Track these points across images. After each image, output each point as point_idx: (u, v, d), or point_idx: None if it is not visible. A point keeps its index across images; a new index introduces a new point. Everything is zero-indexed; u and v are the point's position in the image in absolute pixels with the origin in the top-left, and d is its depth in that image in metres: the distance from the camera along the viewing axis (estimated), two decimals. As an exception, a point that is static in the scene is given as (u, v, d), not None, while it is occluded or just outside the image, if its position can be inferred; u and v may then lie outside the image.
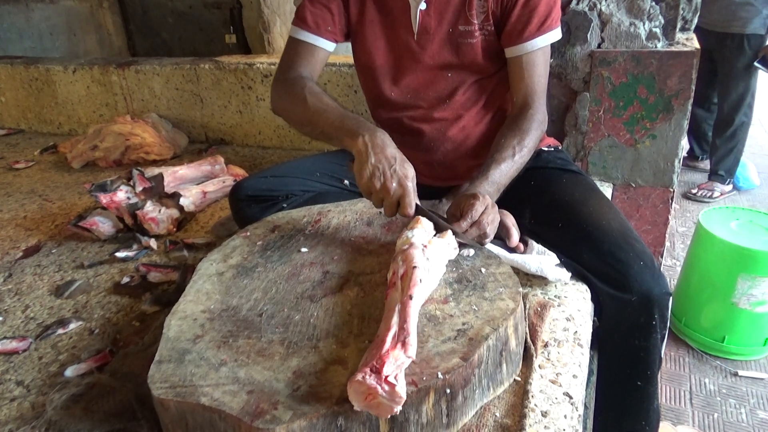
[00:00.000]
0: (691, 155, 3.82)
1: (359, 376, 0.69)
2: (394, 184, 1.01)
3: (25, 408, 0.96)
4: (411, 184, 1.02)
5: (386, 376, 0.69)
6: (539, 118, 1.24)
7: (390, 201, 1.02)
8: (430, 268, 0.91)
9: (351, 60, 2.06)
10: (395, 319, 0.79)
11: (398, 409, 0.71)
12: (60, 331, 1.17)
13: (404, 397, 0.69)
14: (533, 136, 1.21)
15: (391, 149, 1.05)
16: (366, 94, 1.45)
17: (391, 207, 1.03)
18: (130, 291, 1.31)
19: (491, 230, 1.05)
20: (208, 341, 0.86)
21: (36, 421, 0.90)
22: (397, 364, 0.71)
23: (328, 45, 1.30)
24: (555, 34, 1.24)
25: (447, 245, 1.00)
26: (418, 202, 1.04)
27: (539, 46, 1.22)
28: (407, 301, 0.82)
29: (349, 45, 1.42)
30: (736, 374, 2.00)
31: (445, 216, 1.10)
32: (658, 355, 1.15)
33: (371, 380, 0.69)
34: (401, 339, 0.75)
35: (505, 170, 1.15)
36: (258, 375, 0.78)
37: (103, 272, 1.41)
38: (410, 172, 1.03)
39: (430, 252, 0.95)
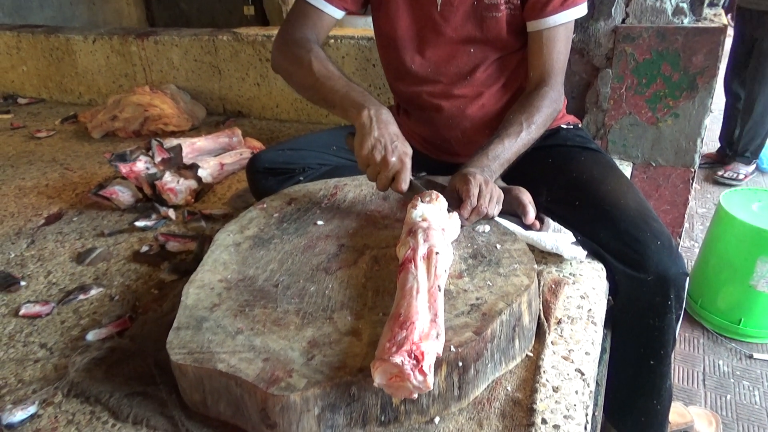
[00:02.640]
0: (721, 154, 3.53)
1: (397, 359, 0.69)
2: (393, 159, 1.03)
3: (48, 369, 0.99)
4: (409, 162, 1.05)
5: (422, 366, 0.69)
6: (553, 96, 1.21)
7: (386, 174, 1.04)
8: (448, 252, 0.92)
9: (369, 33, 2.05)
10: (424, 306, 0.78)
11: (416, 396, 0.72)
12: (81, 296, 1.20)
13: (432, 387, 0.70)
14: (544, 114, 1.19)
15: (394, 127, 1.06)
16: (385, 66, 1.43)
17: (386, 181, 1.05)
18: (149, 259, 1.33)
19: (492, 208, 1.05)
20: (225, 310, 0.87)
21: (59, 383, 0.93)
22: (432, 355, 0.72)
23: (335, 12, 1.27)
24: (579, 10, 1.21)
25: (456, 226, 1.01)
26: (413, 179, 1.08)
27: (561, 22, 1.19)
28: (436, 293, 0.81)
29: (368, 19, 1.40)
30: (750, 357, 1.99)
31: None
32: (673, 335, 1.15)
33: (408, 366, 0.69)
34: (437, 331, 0.75)
35: (508, 146, 1.14)
36: (273, 344, 0.80)
37: (123, 241, 1.43)
38: (409, 150, 1.06)
39: (447, 235, 0.95)
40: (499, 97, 1.32)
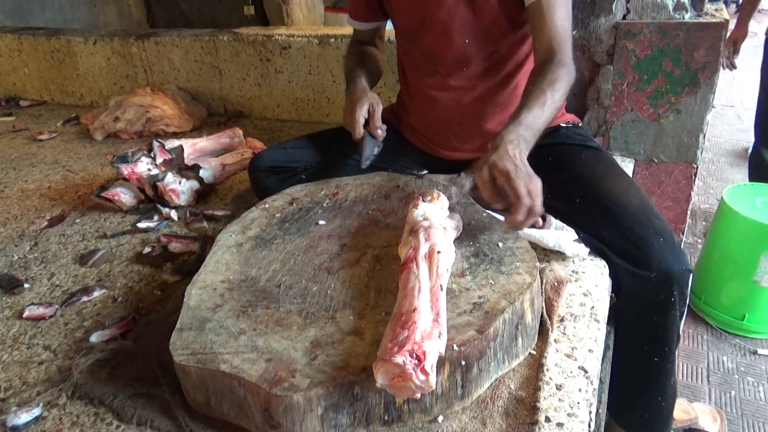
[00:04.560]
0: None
1: (399, 360, 0.69)
2: (347, 119, 1.29)
3: (52, 371, 0.99)
4: (357, 115, 1.26)
5: (424, 365, 0.69)
6: (567, 63, 1.16)
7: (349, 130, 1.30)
8: (450, 251, 0.91)
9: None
10: (426, 306, 0.77)
11: (419, 395, 0.72)
12: (84, 298, 1.20)
13: (434, 387, 0.70)
14: (564, 81, 1.13)
15: (353, 95, 1.31)
16: (398, 60, 1.47)
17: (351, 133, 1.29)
18: (152, 261, 1.33)
19: (540, 203, 0.96)
20: (227, 310, 0.88)
21: (63, 384, 0.94)
22: (434, 354, 0.72)
23: (361, 25, 1.48)
24: None
25: (458, 225, 1.01)
26: (379, 131, 1.29)
27: None
28: (438, 292, 0.81)
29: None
30: (755, 352, 1.98)
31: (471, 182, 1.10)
32: (677, 332, 1.14)
33: (410, 366, 0.69)
34: (439, 331, 0.75)
35: (539, 114, 1.07)
36: (276, 344, 0.80)
37: (126, 242, 1.44)
38: (358, 108, 1.27)
39: (448, 234, 0.95)
40: (496, 90, 1.32)
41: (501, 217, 1.10)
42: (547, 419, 0.79)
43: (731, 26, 2.47)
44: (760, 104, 2.77)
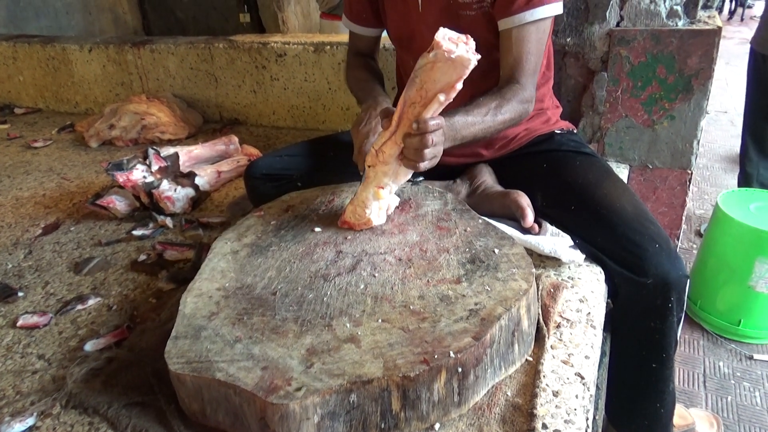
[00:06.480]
0: None
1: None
2: (359, 130, 1.21)
3: (46, 381, 0.98)
4: (359, 133, 1.20)
5: None
6: (524, 95, 1.18)
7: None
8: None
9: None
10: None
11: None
12: (79, 306, 1.19)
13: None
14: (513, 108, 1.15)
15: (362, 113, 1.24)
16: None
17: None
18: (147, 268, 1.33)
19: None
20: (223, 318, 0.87)
21: (57, 394, 0.93)
22: None
23: (364, 30, 1.45)
24: (548, 9, 1.17)
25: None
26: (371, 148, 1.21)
27: (528, 20, 1.15)
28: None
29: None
30: (751, 358, 1.99)
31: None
32: (674, 338, 1.14)
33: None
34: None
35: (471, 122, 1.10)
36: (272, 352, 0.80)
37: (121, 250, 1.43)
38: (360, 128, 1.20)
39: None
40: None
41: (498, 224, 1.10)
42: (544, 426, 0.79)
43: (724, 33, 2.38)
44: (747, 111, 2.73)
